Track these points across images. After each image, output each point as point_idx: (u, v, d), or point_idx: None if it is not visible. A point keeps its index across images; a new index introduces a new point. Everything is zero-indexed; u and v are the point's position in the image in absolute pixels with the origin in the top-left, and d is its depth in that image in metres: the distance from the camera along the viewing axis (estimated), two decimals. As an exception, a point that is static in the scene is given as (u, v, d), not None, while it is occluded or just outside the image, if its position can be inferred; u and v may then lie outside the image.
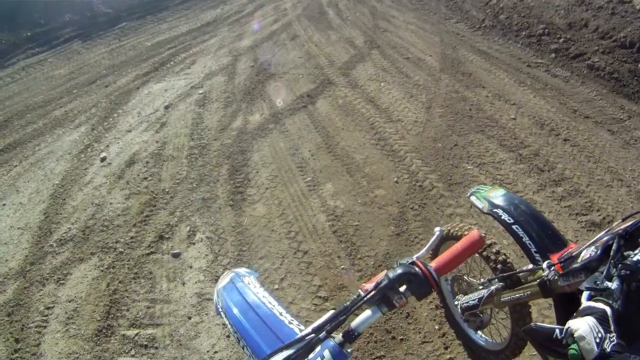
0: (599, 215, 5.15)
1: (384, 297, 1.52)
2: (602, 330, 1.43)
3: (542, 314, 3.79)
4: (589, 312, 1.53)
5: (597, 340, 1.39)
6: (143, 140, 7.52)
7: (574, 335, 1.44)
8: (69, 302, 4.59)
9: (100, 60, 12.25)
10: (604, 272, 1.71)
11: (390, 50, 10.63)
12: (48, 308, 4.57)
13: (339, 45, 11.28)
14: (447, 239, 3.07)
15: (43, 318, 4.46)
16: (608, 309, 1.50)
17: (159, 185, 6.30)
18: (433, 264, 1.65)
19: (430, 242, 1.78)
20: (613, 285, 1.59)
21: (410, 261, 1.61)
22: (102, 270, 4.88)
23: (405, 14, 13.86)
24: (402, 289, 1.55)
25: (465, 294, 2.92)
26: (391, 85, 8.74)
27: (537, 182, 5.78)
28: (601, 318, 1.48)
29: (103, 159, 7.08)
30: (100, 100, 9.32)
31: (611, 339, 1.40)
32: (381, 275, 1.56)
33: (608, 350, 1.38)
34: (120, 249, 5.14)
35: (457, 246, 1.76)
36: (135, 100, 9.20)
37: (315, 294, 4.34)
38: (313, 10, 15.20)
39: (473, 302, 2.68)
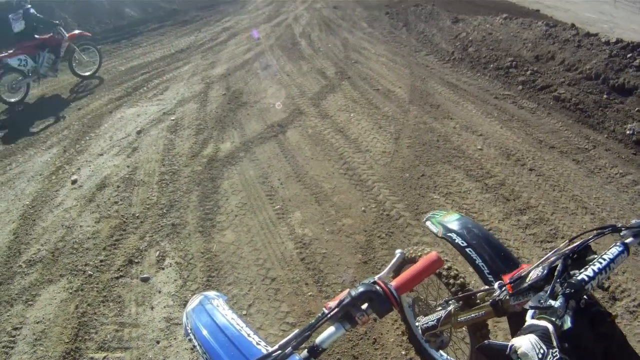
0: (564, 242, 5.28)
1: (346, 315, 1.61)
2: (544, 347, 1.51)
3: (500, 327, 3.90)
4: (531, 329, 1.63)
5: (540, 356, 1.48)
6: (114, 164, 7.53)
7: (517, 352, 1.53)
8: (37, 323, 4.57)
9: (74, 82, 12.24)
10: (549, 291, 1.81)
11: (360, 81, 10.81)
12: (16, 329, 4.54)
13: (310, 76, 11.45)
14: (408, 262, 3.14)
15: (10, 339, 4.43)
16: (550, 326, 1.60)
17: (129, 210, 6.31)
18: (393, 283, 1.73)
19: (392, 263, 1.87)
20: (556, 303, 1.68)
21: (372, 281, 1.69)
22: (70, 293, 4.87)
23: (377, 46, 14.06)
24: (364, 306, 1.63)
25: (425, 315, 3.00)
26: (360, 116, 8.90)
27: (503, 211, 5.93)
28: (543, 335, 1.57)
29: (74, 182, 7.07)
30: (73, 123, 9.29)
31: (554, 354, 1.50)
32: (344, 294, 1.65)
33: None
34: (90, 272, 5.14)
35: (417, 266, 1.85)
36: (108, 124, 9.19)
37: (283, 320, 4.40)
38: (286, 40, 15.36)
39: (432, 322, 2.77)
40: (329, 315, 1.60)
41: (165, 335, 4.29)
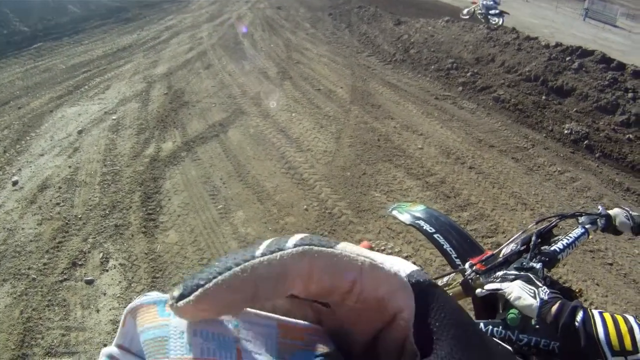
0: (504, 236, 5.51)
1: None
2: (532, 287, 1.70)
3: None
4: (514, 278, 1.83)
5: (532, 295, 1.65)
6: (56, 164, 7.45)
7: (510, 298, 1.69)
8: (-19, 329, 4.54)
9: (14, 80, 11.95)
10: (528, 256, 2.02)
11: (302, 81, 10.90)
12: (-41, 335, 4.50)
13: (252, 76, 11.50)
14: None
15: (-46, 345, 4.40)
16: (531, 275, 1.81)
17: (72, 211, 6.26)
18: None
19: None
20: (537, 265, 1.91)
21: None
22: (15, 298, 4.83)
23: (319, 46, 14.16)
24: None
25: None
26: (302, 115, 9.01)
27: (444, 207, 6.12)
28: (527, 280, 1.76)
29: (15, 183, 6.95)
30: (13, 122, 9.11)
31: (544, 290, 1.68)
32: None
33: (546, 297, 1.65)
34: (33, 276, 5.09)
35: None
36: (49, 123, 9.07)
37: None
38: (228, 40, 15.32)
39: None
40: None
41: (112, 338, 4.22)
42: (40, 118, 9.35)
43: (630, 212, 2.37)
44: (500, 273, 2.11)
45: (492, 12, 21.00)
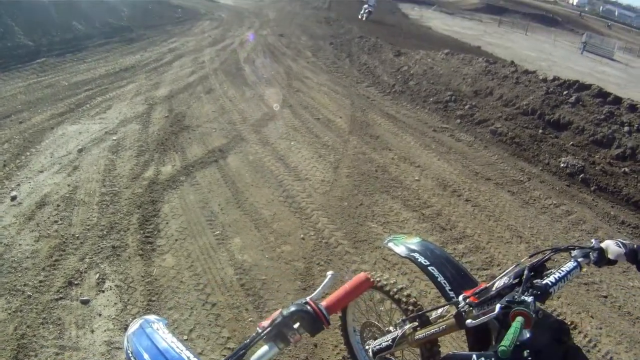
0: (499, 269, 5.53)
1: (279, 334, 1.73)
2: None
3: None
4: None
5: None
6: (55, 182, 7.44)
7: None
8: (-26, 344, 4.50)
9: (17, 94, 11.94)
10: (520, 290, 2.04)
11: (302, 110, 11.01)
12: (-48, 350, 4.47)
13: (252, 102, 11.59)
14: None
15: (-54, 360, 4.37)
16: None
17: (69, 230, 6.25)
18: (324, 303, 1.86)
19: (323, 284, 1.98)
20: (529, 298, 1.91)
21: (304, 301, 1.82)
22: (9, 313, 4.80)
23: (319, 75, 14.29)
24: (296, 326, 1.75)
25: (376, 339, 3.13)
26: (301, 144, 9.07)
27: (439, 239, 6.15)
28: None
29: (13, 198, 6.93)
30: (14, 137, 9.10)
31: None
32: (276, 313, 1.77)
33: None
34: (29, 293, 5.07)
35: (346, 286, 2.00)
36: (49, 140, 9.06)
37: (224, 345, 4.47)
38: (230, 65, 15.47)
39: (386, 343, 2.89)
40: (262, 335, 1.73)
41: (106, 360, 4.32)
42: (41, 134, 9.35)
43: (622, 241, 2.40)
44: (492, 306, 2.17)
45: (366, 10, 32.59)
